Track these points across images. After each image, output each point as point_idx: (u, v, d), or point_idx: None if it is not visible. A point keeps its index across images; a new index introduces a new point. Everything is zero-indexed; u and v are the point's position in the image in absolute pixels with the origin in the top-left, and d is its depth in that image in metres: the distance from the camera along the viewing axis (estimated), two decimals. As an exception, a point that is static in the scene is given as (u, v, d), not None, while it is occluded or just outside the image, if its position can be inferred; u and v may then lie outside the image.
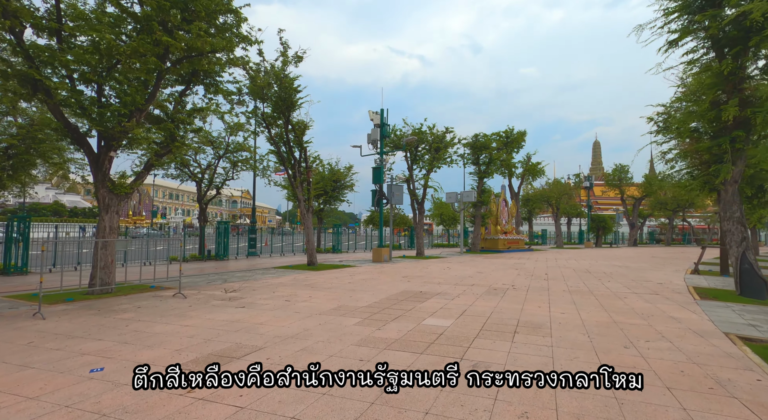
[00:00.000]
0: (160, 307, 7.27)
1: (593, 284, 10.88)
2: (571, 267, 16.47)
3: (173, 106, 10.59)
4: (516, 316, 6.64)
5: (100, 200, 8.83)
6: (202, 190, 20.40)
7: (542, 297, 8.65)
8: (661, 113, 15.72)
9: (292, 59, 13.92)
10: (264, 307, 7.37)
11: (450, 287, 10.08)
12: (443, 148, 23.65)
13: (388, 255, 19.23)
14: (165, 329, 5.65)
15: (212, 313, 6.74)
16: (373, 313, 6.80)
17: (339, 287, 9.99)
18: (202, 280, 11.25)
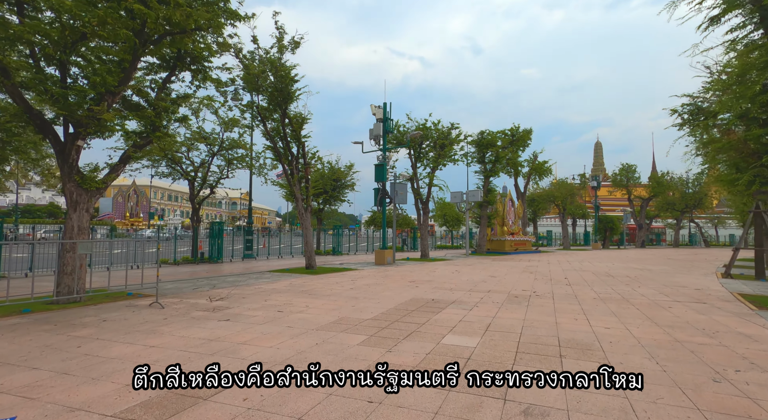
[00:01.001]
0: (128, 321, 6.16)
1: (623, 290, 9.76)
2: (589, 270, 15.34)
3: (156, 93, 9.52)
4: (552, 332, 5.53)
5: (68, 196, 7.72)
6: (195, 189, 19.30)
7: (573, 306, 7.53)
8: (686, 104, 14.62)
9: (289, 45, 12.84)
10: (252, 319, 6.26)
11: (464, 294, 8.97)
12: (448, 144, 22.54)
13: (392, 257, 18.12)
14: (124, 352, 4.54)
15: (189, 329, 5.63)
16: (381, 328, 5.69)
17: (340, 294, 8.88)
18: (188, 286, 10.14)
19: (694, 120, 14.50)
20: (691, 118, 14.61)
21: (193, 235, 19.28)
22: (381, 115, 18.41)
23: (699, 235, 54.68)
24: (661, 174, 45.31)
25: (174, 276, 12.91)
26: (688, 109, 14.60)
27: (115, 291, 8.79)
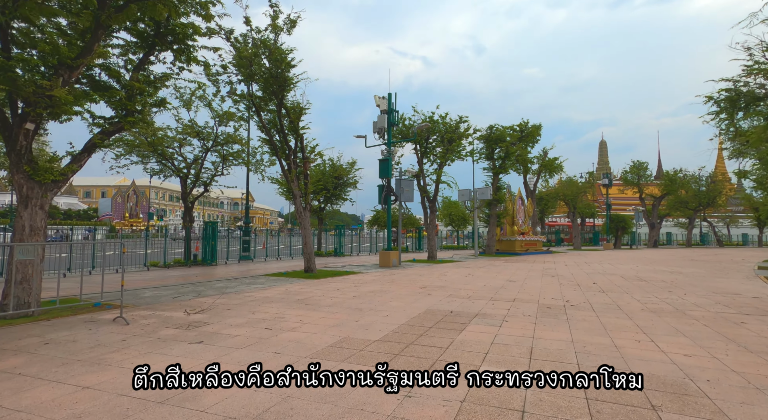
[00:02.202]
0: (76, 344, 4.92)
1: (669, 298, 8.44)
2: (614, 273, 14.01)
3: (132, 75, 8.30)
4: (619, 362, 4.24)
5: (17, 190, 6.50)
6: (188, 187, 18.08)
7: (623, 321, 6.23)
8: (723, 90, 13.27)
9: (284, 25, 11.58)
10: (231, 341, 5.00)
11: (487, 304, 7.68)
12: (457, 139, 21.24)
13: (398, 259, 16.84)
14: (41, 399, 3.29)
15: (146, 357, 4.38)
16: (393, 355, 4.42)
17: (341, 305, 7.61)
18: (170, 294, 8.90)
19: (733, 107, 13.14)
20: (728, 106, 13.25)
21: (186, 236, 18.05)
22: (386, 106, 17.13)
23: (712, 235, 53.05)
24: (674, 171, 43.78)
25: (161, 280, 11.69)
26: (725, 96, 13.24)
27: (88, 300, 7.59)
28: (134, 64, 8.51)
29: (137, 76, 8.19)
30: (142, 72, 8.58)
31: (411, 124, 20.95)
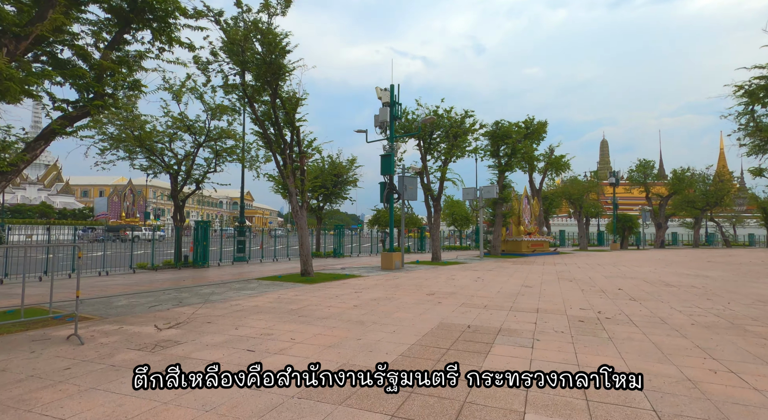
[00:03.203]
0: (3, 376, 3.89)
1: (715, 309, 7.42)
2: (635, 276, 12.99)
3: (102, 53, 7.29)
4: (702, 404, 3.22)
5: (-44, 183, 5.48)
6: (178, 184, 17.05)
7: (679, 341, 5.20)
8: (756, 77, 12.24)
9: (278, 5, 10.54)
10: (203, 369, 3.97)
11: (508, 316, 6.65)
12: (462, 134, 20.22)
13: (400, 261, 15.81)
14: None
15: (86, 396, 3.35)
16: (408, 395, 3.40)
17: (340, 316, 6.59)
18: (146, 302, 7.88)
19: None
20: (763, 94, 12.21)
21: (176, 236, 17.02)
22: (388, 98, 16.10)
23: (718, 235, 52.04)
24: (682, 170, 42.73)
25: (144, 285, 10.66)
26: (756, 84, 12.21)
27: (58, 310, 6.59)
28: (106, 42, 7.51)
29: (108, 54, 7.19)
30: (115, 52, 7.58)
31: (414, 118, 19.94)
